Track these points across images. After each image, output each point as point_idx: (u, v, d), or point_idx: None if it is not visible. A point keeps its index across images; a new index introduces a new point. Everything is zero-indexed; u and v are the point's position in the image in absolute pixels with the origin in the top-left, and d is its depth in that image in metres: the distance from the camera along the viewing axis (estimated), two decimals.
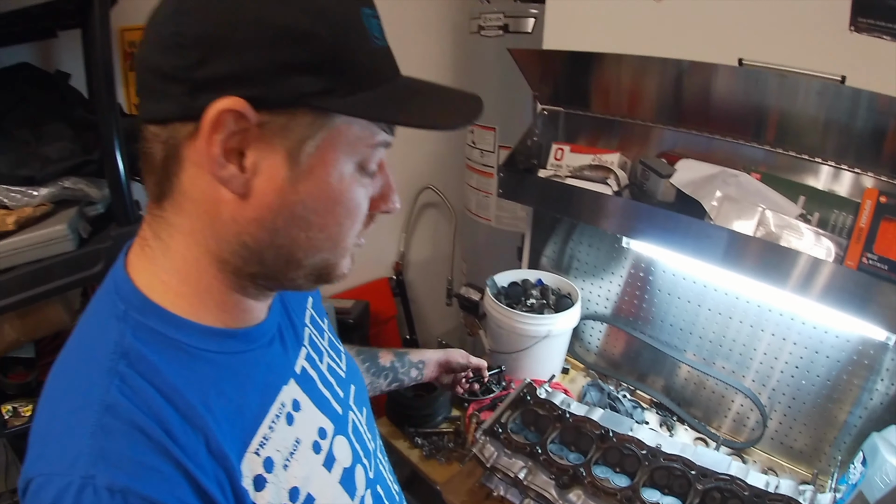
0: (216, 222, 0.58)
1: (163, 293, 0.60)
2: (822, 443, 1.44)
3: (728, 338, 1.56)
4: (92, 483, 0.49)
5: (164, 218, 0.60)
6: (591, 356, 1.93)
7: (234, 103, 0.52)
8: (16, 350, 1.34)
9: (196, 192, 0.57)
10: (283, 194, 0.57)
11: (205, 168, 0.55)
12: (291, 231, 0.59)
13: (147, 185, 0.61)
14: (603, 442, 1.33)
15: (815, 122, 1.26)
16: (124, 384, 0.54)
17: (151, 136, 0.57)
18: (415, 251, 2.97)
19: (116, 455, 0.51)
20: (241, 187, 0.56)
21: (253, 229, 0.58)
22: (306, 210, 0.59)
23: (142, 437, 0.53)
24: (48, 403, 0.58)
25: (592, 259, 1.85)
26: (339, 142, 0.58)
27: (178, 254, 0.60)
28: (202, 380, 0.59)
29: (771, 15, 1.23)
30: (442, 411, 1.62)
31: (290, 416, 0.69)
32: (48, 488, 0.50)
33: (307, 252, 0.62)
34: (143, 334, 0.58)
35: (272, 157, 0.56)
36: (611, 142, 1.70)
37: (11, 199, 1.21)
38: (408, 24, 2.47)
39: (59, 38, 1.57)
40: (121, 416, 0.53)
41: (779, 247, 1.22)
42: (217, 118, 0.52)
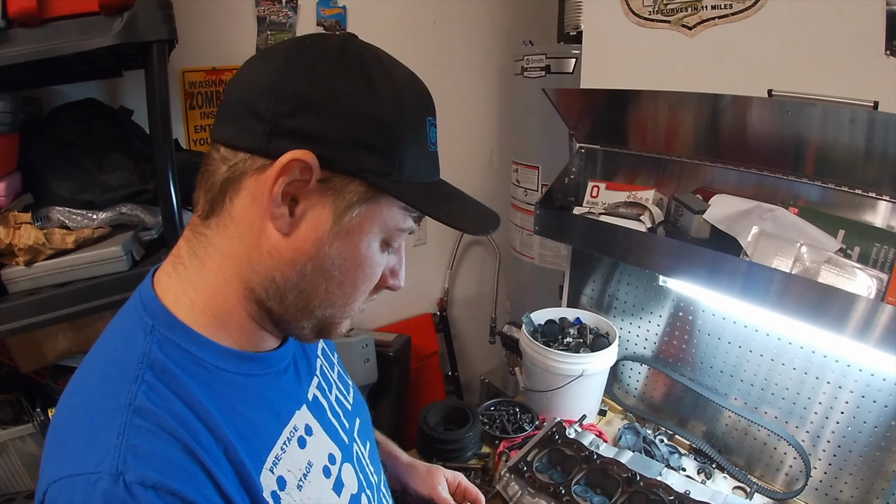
0: (254, 252, 0.64)
1: (188, 311, 0.65)
2: (869, 494, 1.34)
3: (774, 383, 1.49)
4: (122, 478, 0.52)
5: (206, 236, 0.66)
6: (630, 399, 1.88)
7: (307, 156, 0.59)
8: (67, 360, 1.44)
9: (244, 219, 0.64)
10: (319, 245, 0.64)
11: (259, 201, 0.62)
12: (315, 279, 0.66)
13: (198, 200, 0.67)
14: (629, 486, 1.30)
15: (852, 152, 1.22)
16: (151, 391, 0.58)
17: (220, 156, 0.64)
18: (459, 288, 3.00)
19: (145, 453, 0.54)
20: (286, 228, 0.63)
21: (285, 268, 0.65)
22: (333, 265, 0.66)
23: (169, 437, 0.56)
24: (69, 410, 0.61)
25: (632, 299, 1.82)
26: (377, 217, 0.66)
27: (211, 273, 0.66)
28: (221, 396, 0.63)
29: (801, 44, 1.24)
30: (472, 447, 1.61)
31: (301, 439, 0.73)
32: (74, 489, 0.52)
33: (322, 303, 0.68)
34: (168, 349, 0.62)
35: (320, 211, 0.63)
36: (648, 179, 1.69)
37: (72, 220, 1.33)
38: (457, 66, 2.58)
39: (125, 76, 1.71)
40: (148, 419, 0.56)
41: (814, 283, 1.17)
42: (288, 163, 0.59)
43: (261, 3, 2.02)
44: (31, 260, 1.26)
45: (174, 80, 1.85)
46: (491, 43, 2.70)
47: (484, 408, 1.73)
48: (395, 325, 2.69)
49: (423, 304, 2.89)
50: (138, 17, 1.23)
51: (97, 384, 0.60)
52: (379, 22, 2.31)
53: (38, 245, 1.25)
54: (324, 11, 2.16)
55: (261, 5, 2.02)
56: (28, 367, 1.43)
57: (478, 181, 2.81)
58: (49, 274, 1.29)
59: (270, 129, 0.60)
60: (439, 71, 2.52)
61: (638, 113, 1.62)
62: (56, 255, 1.29)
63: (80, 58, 1.23)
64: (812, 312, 1.16)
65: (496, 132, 2.83)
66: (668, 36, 1.47)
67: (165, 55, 1.32)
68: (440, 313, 2.91)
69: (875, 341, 1.09)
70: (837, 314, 1.12)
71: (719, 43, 1.37)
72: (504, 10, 2.70)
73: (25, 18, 1.15)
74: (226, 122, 0.65)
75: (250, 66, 0.66)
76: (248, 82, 0.64)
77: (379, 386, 2.37)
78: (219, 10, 1.95)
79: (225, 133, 0.64)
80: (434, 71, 2.47)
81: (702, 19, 1.39)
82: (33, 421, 1.41)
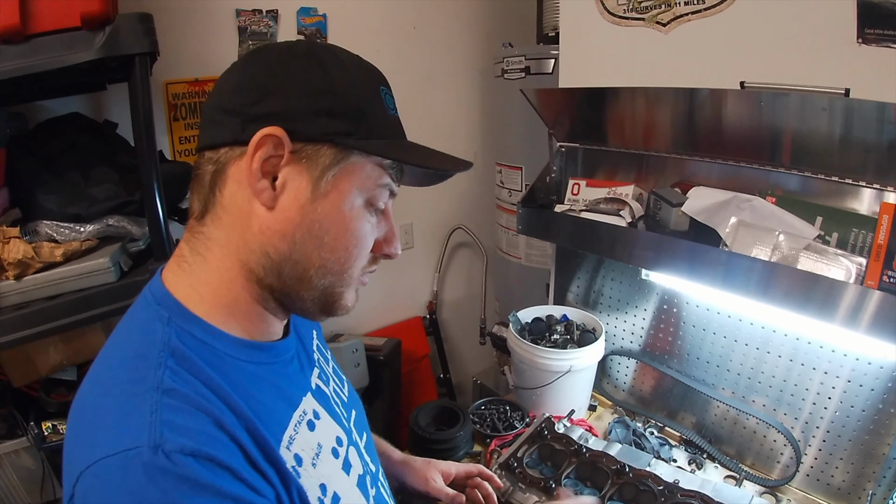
0: (247, 233, 0.69)
1: (198, 304, 0.69)
2: (861, 478, 1.36)
3: (762, 371, 1.52)
4: (161, 449, 0.55)
5: (204, 233, 0.71)
6: (619, 393, 1.90)
7: (276, 131, 0.65)
8: (59, 372, 1.45)
9: (234, 206, 0.69)
10: (303, 211, 0.69)
11: (243, 185, 0.68)
12: (307, 247, 0.70)
13: (192, 205, 0.73)
14: (619, 477, 1.32)
15: (827, 140, 1.24)
16: (175, 375, 0.62)
17: (205, 160, 0.70)
18: (448, 290, 3.02)
19: (179, 426, 0.58)
20: (270, 201, 0.68)
21: (276, 241, 0.69)
22: (321, 229, 0.70)
23: (199, 412, 0.60)
24: (93, 400, 0.64)
25: (618, 294, 1.84)
26: (352, 176, 0.71)
27: (213, 265, 0.71)
28: (236, 382, 0.67)
29: (773, 36, 1.26)
30: (464, 446, 1.62)
31: (311, 423, 0.77)
32: (110, 469, 0.55)
33: (318, 271, 0.72)
34: (185, 338, 0.66)
35: (298, 179, 0.68)
36: (628, 174, 1.72)
37: (60, 233, 1.34)
38: (438, 70, 2.61)
39: (109, 90, 1.73)
40: (177, 398, 0.60)
41: (793, 270, 1.20)
42: (261, 140, 0.65)
43: (242, 13, 2.04)
44: (20, 274, 1.27)
45: (157, 91, 1.86)
46: (471, 46, 2.74)
47: (474, 407, 1.75)
48: (385, 330, 2.71)
49: (412, 307, 2.90)
50: (120, 31, 1.25)
51: (121, 373, 0.63)
52: (359, 29, 2.34)
53: (28, 259, 1.26)
54: (304, 20, 2.18)
55: (242, 16, 2.04)
56: (21, 381, 1.44)
57: (462, 183, 2.83)
58: (39, 287, 1.30)
59: (242, 119, 0.67)
60: (421, 75, 2.54)
61: (615, 110, 1.64)
62: (45, 269, 1.31)
63: (63, 73, 1.25)
64: (793, 300, 1.18)
65: (479, 134, 2.86)
66: (642, 33, 1.49)
67: (148, 68, 1.34)
68: (430, 316, 2.92)
69: (853, 323, 1.10)
70: (819, 300, 1.14)
71: (693, 38, 1.40)
72: (483, 13, 2.74)
73: (9, 35, 1.17)
74: (205, 129, 0.71)
75: (219, 80, 0.72)
76: (217, 91, 0.71)
77: (370, 390, 2.38)
78: (200, 22, 1.97)
79: (206, 138, 0.71)
80: (416, 75, 2.50)
81: (675, 15, 1.41)
82: (27, 435, 1.42)
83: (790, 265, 1.22)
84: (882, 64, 1.10)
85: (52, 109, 1.64)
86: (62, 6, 1.20)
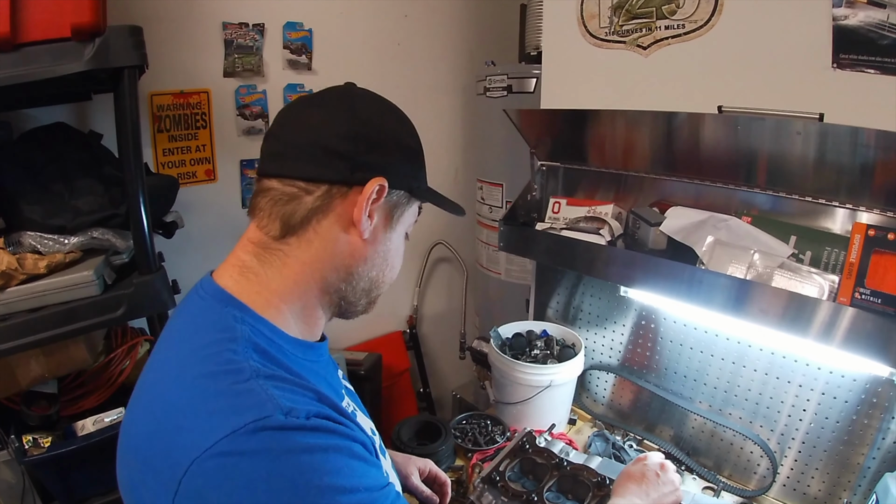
0: (337, 257, 0.81)
1: (264, 307, 0.77)
2: (837, 487, 1.40)
3: (738, 385, 1.55)
4: (293, 412, 0.64)
5: (283, 251, 0.80)
6: (599, 407, 1.93)
7: (383, 181, 0.79)
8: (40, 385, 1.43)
9: (330, 234, 0.80)
10: (384, 242, 0.85)
11: (343, 218, 0.80)
12: (379, 267, 0.87)
13: (268, 224, 0.80)
14: (599, 489, 1.34)
15: (801, 162, 1.29)
16: (263, 366, 0.70)
17: (300, 189, 0.79)
18: (428, 305, 3.03)
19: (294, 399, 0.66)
20: (369, 235, 0.82)
21: (361, 263, 0.84)
22: (389, 255, 0.87)
23: (300, 390, 0.70)
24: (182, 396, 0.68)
25: (597, 310, 1.87)
26: (407, 214, 0.88)
27: (290, 278, 0.80)
28: (303, 375, 0.75)
29: (751, 61, 1.31)
30: (445, 460, 1.63)
31: (353, 413, 0.88)
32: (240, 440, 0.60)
33: (379, 284, 0.89)
34: (257, 335, 0.74)
35: (383, 217, 0.84)
36: (607, 194, 1.75)
37: (44, 245, 1.33)
38: (421, 87, 2.65)
39: (94, 100, 1.72)
40: (277, 380, 0.68)
41: (767, 287, 1.23)
42: (373, 189, 0.78)
43: (228, 26, 2.05)
44: (3, 285, 1.26)
45: (142, 103, 1.85)
46: (454, 63, 2.78)
47: (456, 421, 1.76)
48: (365, 344, 2.71)
49: (392, 322, 2.91)
50: (110, 44, 1.25)
51: (211, 366, 0.69)
52: (344, 44, 2.36)
53: (11, 270, 1.25)
54: (290, 34, 2.19)
55: (228, 29, 2.05)
56: (1, 393, 1.41)
57: None
58: (22, 299, 1.29)
59: (352, 165, 0.78)
60: (404, 91, 2.56)
61: (596, 131, 1.68)
62: (28, 281, 1.30)
63: (50, 82, 1.24)
64: (768, 316, 1.22)
65: (461, 151, 2.89)
66: (623, 56, 1.53)
67: (136, 80, 1.34)
68: (410, 331, 2.93)
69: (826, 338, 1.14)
70: (793, 316, 1.18)
71: (672, 62, 1.44)
72: (467, 32, 2.78)
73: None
74: (302, 162, 0.79)
75: (310, 116, 0.82)
76: (318, 130, 0.79)
77: None
78: (186, 34, 1.98)
79: (305, 170, 0.79)
80: (399, 91, 2.44)
81: (655, 39, 1.46)
82: (8, 448, 1.38)
83: (765, 283, 1.26)
84: (856, 88, 1.15)
85: (36, 118, 1.63)
86: (53, 16, 1.20)
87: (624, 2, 1.49)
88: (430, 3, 2.62)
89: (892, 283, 1.14)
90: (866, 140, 1.14)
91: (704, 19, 1.36)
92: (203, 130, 2.09)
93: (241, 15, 2.07)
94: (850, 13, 1.14)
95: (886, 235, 1.15)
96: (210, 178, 2.15)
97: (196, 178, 2.12)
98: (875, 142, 1.13)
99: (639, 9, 1.46)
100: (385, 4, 2.47)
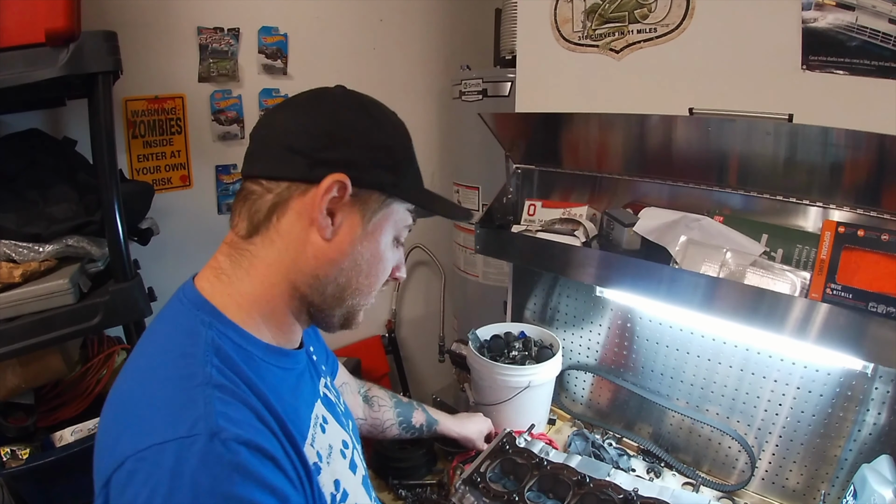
0: (300, 257, 0.80)
1: (236, 311, 0.78)
2: (815, 480, 1.43)
3: (714, 381, 1.58)
4: (218, 437, 0.62)
5: (251, 251, 0.80)
6: (578, 407, 1.95)
7: (342, 178, 0.77)
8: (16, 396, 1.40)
9: (291, 233, 0.79)
10: (353, 244, 0.82)
11: (303, 216, 0.78)
12: (350, 273, 0.83)
13: (238, 223, 0.81)
14: (580, 488, 1.35)
15: (772, 162, 1.32)
16: (220, 372, 0.70)
17: (263, 187, 0.79)
18: (406, 309, 3.03)
19: (231, 418, 0.65)
20: (329, 234, 0.79)
21: (327, 266, 0.81)
22: (363, 260, 0.84)
23: (245, 407, 0.69)
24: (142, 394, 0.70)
25: (573, 311, 1.89)
26: (390, 217, 0.85)
27: (257, 280, 0.80)
28: (268, 382, 0.76)
29: (721, 64, 1.34)
30: (426, 464, 1.63)
31: (322, 426, 0.89)
32: (164, 454, 0.61)
33: (353, 293, 0.85)
34: (224, 340, 0.74)
35: (352, 218, 0.81)
36: (582, 196, 1.78)
37: (19, 253, 1.31)
38: (397, 90, 2.66)
39: (68, 106, 1.70)
40: (226, 392, 0.68)
41: (739, 285, 1.26)
42: (330, 184, 0.76)
43: (203, 31, 2.04)
44: None
45: (116, 108, 1.82)
46: (430, 67, 2.79)
47: None
48: (344, 349, 2.71)
49: (371, 326, 2.91)
50: (84, 49, 1.24)
51: (170, 370, 0.70)
52: (320, 48, 2.36)
53: None
54: (265, 39, 2.19)
55: (203, 34, 2.04)
56: None
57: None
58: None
59: (310, 161, 0.77)
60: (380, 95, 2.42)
61: (570, 134, 1.70)
62: (3, 290, 1.28)
63: (23, 88, 1.23)
64: (742, 313, 1.24)
65: (437, 154, 2.90)
66: (596, 60, 1.56)
67: (110, 86, 1.33)
68: (389, 335, 2.93)
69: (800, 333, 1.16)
70: (766, 312, 1.20)
71: (644, 65, 1.46)
72: (442, 36, 2.80)
73: None
74: (265, 160, 0.80)
75: (277, 116, 0.83)
76: (281, 129, 0.80)
77: None
78: (161, 39, 1.96)
79: (267, 168, 0.80)
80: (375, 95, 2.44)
81: (628, 43, 1.48)
82: None
83: (738, 280, 1.28)
84: (826, 89, 1.19)
85: (9, 124, 1.61)
86: (26, 22, 1.19)
87: (597, 6, 1.52)
88: (405, 7, 2.64)
89: (863, 278, 1.16)
90: (836, 139, 1.17)
91: (676, 23, 1.38)
92: (178, 136, 2.07)
93: (216, 20, 2.06)
94: (820, 15, 1.17)
95: (856, 232, 1.17)
96: (185, 185, 2.14)
97: (171, 185, 2.10)
98: (844, 141, 1.16)
99: (611, 13, 1.49)
100: (361, 9, 2.47)
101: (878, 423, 1.32)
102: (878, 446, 1.32)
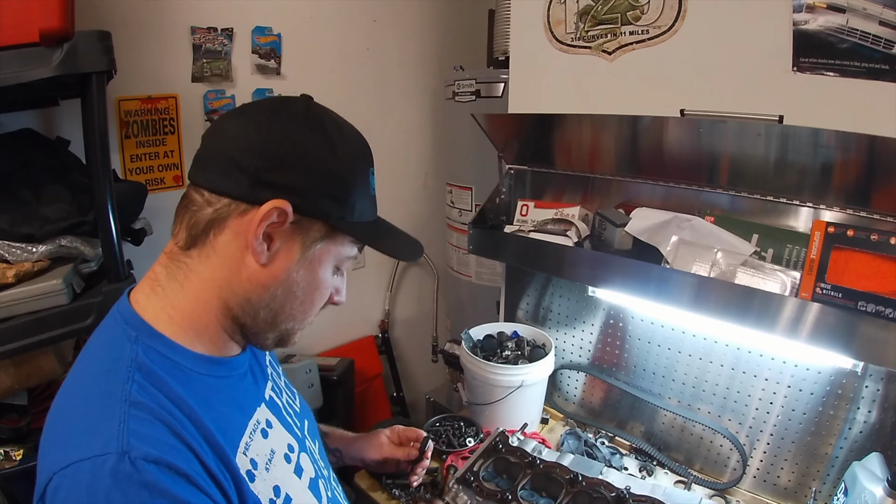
0: (234, 278, 0.77)
1: (167, 324, 0.76)
2: (806, 477, 1.44)
3: (705, 380, 1.59)
4: (128, 456, 0.62)
5: (187, 264, 0.78)
6: (570, 406, 1.96)
7: (284, 205, 0.74)
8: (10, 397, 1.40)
9: (226, 251, 0.76)
10: (289, 272, 0.79)
11: (240, 237, 0.75)
12: (283, 299, 0.80)
13: (178, 233, 0.79)
14: (573, 486, 1.36)
15: (762, 163, 1.33)
16: (141, 389, 0.68)
17: (204, 199, 0.76)
18: (400, 309, 3.04)
19: (144, 436, 0.64)
20: (264, 259, 0.76)
21: (260, 291, 0.79)
22: (298, 288, 0.81)
23: (161, 424, 0.67)
24: (66, 409, 0.70)
25: (566, 310, 1.90)
26: (333, 249, 0.82)
27: (190, 294, 0.77)
28: (197, 393, 0.74)
29: (713, 66, 1.34)
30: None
31: (264, 431, 0.85)
32: (81, 472, 0.61)
33: (286, 318, 0.83)
34: (151, 354, 0.73)
35: (291, 246, 0.78)
36: (574, 196, 1.79)
37: (12, 254, 1.31)
38: (391, 91, 2.65)
39: (61, 105, 1.69)
40: (143, 410, 0.67)
41: (729, 284, 1.27)
42: (270, 210, 0.73)
43: (197, 31, 2.04)
44: None
45: (109, 108, 1.83)
46: (423, 68, 2.80)
47: (429, 424, 1.77)
48: (337, 350, 2.71)
49: (364, 326, 2.91)
50: (78, 49, 1.24)
51: (92, 385, 0.70)
52: (313, 49, 2.36)
53: None
54: (259, 39, 2.19)
55: (197, 33, 2.04)
56: None
57: (413, 203, 2.88)
58: None
59: (253, 181, 0.74)
60: (373, 96, 2.57)
61: (563, 135, 1.71)
62: None
63: (17, 88, 1.23)
64: (733, 312, 1.26)
65: (430, 155, 2.91)
66: (589, 61, 1.56)
67: (104, 86, 1.33)
68: (382, 335, 2.94)
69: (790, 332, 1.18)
70: (757, 311, 1.22)
71: (637, 66, 1.47)
72: (435, 37, 2.80)
73: None
74: (209, 171, 0.77)
75: (231, 123, 0.80)
76: (230, 139, 0.77)
77: (324, 410, 2.37)
78: (154, 39, 1.96)
79: (210, 180, 0.76)
80: (368, 96, 2.53)
81: (620, 44, 1.49)
82: None
83: (728, 280, 1.30)
84: (816, 90, 1.19)
85: (2, 124, 1.59)
86: (20, 21, 1.19)
87: (590, 8, 1.52)
88: (399, 8, 2.64)
89: (852, 277, 1.17)
90: (826, 141, 1.18)
91: (668, 25, 1.39)
92: (171, 136, 2.07)
93: (209, 19, 2.06)
94: (810, 18, 1.17)
95: (846, 232, 1.18)
96: (178, 185, 2.13)
97: (164, 185, 2.10)
98: (834, 142, 1.18)
99: (604, 15, 1.50)
100: (354, 9, 2.48)
101: (868, 421, 1.33)
102: (868, 444, 1.33)
